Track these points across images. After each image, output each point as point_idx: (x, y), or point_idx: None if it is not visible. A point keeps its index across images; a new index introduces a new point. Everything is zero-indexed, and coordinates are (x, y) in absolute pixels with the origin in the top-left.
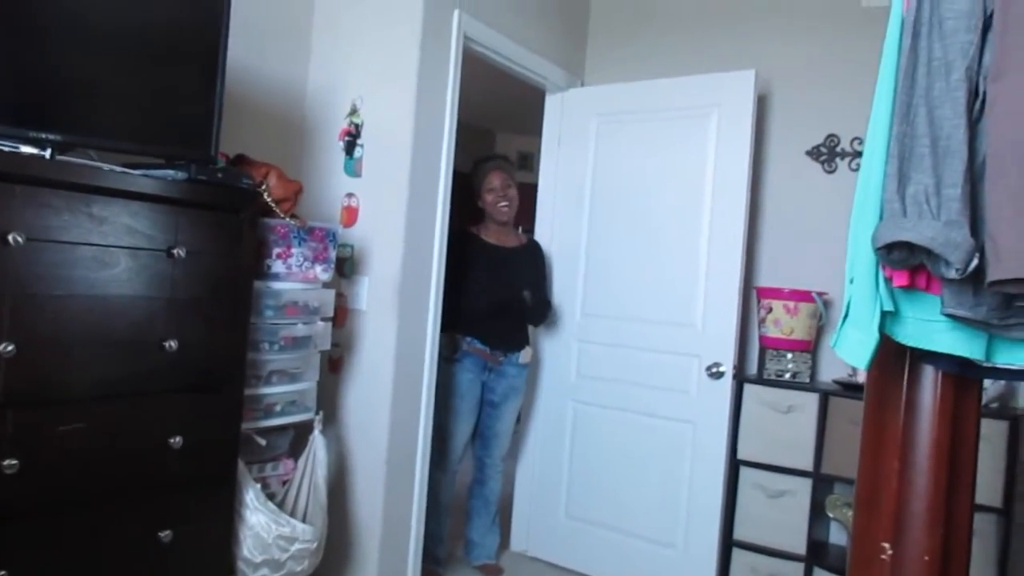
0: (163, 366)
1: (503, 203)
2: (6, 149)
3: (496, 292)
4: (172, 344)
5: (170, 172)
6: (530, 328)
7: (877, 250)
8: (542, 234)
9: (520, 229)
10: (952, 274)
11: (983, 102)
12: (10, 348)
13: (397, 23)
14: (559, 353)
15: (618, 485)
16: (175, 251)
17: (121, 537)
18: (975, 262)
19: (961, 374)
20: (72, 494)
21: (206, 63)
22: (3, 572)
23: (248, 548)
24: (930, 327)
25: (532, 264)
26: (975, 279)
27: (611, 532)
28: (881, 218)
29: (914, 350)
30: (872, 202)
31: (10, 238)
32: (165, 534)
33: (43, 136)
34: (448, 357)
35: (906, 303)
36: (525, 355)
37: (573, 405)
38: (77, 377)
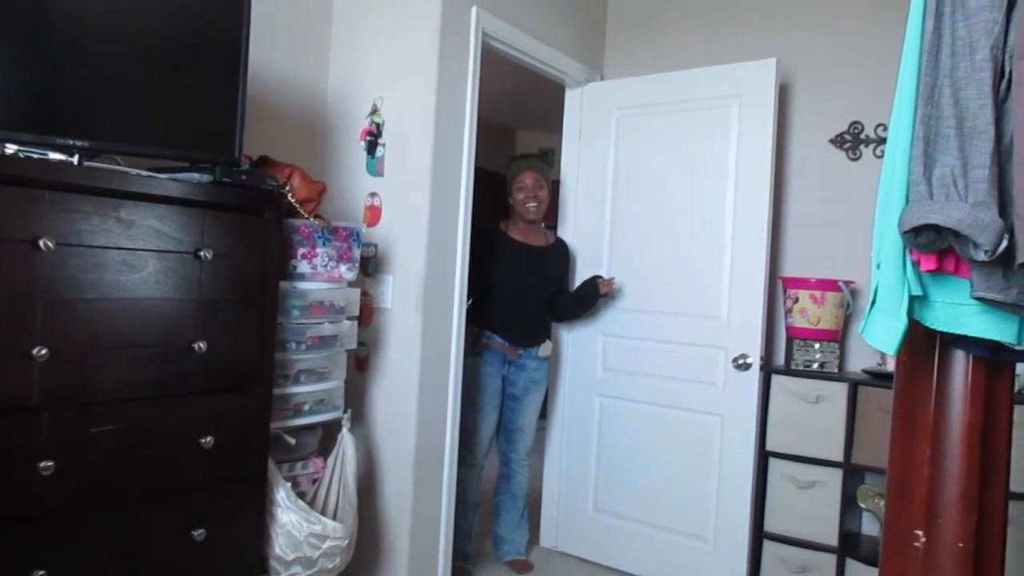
0: (192, 367)
1: (531, 203)
2: (35, 156)
3: (517, 289)
4: (201, 345)
5: (195, 175)
6: (552, 322)
7: (904, 234)
8: (565, 229)
9: (543, 226)
10: (981, 256)
11: (1009, 82)
12: (43, 352)
13: (415, 21)
14: (584, 347)
15: (646, 479)
16: (202, 253)
17: (155, 536)
18: (1004, 243)
19: (993, 358)
20: (106, 494)
21: (228, 67)
22: (42, 572)
23: (280, 546)
24: (960, 311)
25: (557, 264)
26: (1005, 261)
27: (640, 526)
28: (907, 202)
29: (944, 335)
30: (898, 186)
31: (41, 243)
32: (198, 533)
33: (70, 142)
34: (469, 351)
35: (935, 287)
36: (544, 349)
37: (599, 399)
38: (108, 379)
